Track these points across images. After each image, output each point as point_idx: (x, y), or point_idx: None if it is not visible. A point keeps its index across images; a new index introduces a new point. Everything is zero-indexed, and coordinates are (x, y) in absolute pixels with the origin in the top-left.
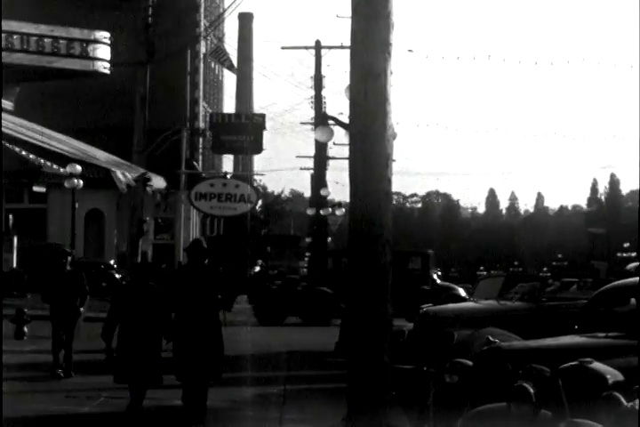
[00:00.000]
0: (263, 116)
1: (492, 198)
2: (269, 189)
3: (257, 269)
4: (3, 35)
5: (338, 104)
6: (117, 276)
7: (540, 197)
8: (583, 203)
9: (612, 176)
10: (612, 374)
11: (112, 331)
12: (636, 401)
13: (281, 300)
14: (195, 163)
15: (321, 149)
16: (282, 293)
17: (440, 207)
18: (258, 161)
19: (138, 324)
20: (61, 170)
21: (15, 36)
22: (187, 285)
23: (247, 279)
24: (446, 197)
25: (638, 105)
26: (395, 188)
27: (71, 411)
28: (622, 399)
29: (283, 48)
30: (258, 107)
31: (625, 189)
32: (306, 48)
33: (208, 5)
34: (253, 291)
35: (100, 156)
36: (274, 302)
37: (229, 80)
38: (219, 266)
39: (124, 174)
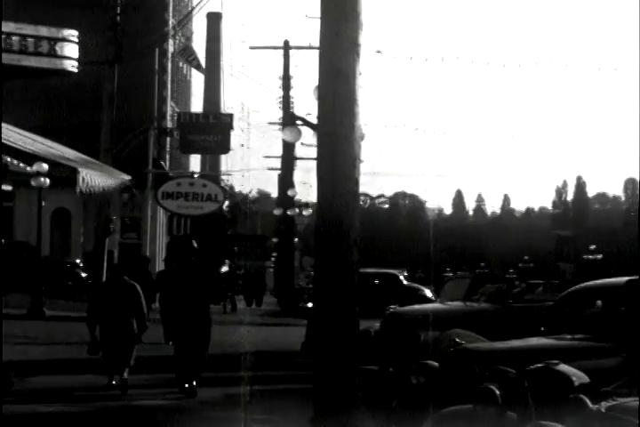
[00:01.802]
0: (231, 115)
1: (458, 200)
2: (237, 189)
3: (225, 268)
4: None
5: (306, 104)
6: (83, 275)
7: (506, 199)
8: (549, 205)
9: (579, 179)
10: (579, 376)
11: (95, 323)
12: (602, 404)
13: None
14: (162, 162)
15: (289, 149)
16: None
17: (407, 208)
18: (225, 161)
19: (116, 316)
20: (28, 168)
21: None
22: (179, 281)
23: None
24: (413, 198)
25: (638, 107)
26: (362, 188)
27: (36, 411)
28: (588, 402)
29: (251, 48)
30: (226, 106)
31: (590, 192)
32: (274, 48)
33: (176, 4)
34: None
35: (70, 154)
36: None
37: (197, 79)
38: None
39: (84, 178)
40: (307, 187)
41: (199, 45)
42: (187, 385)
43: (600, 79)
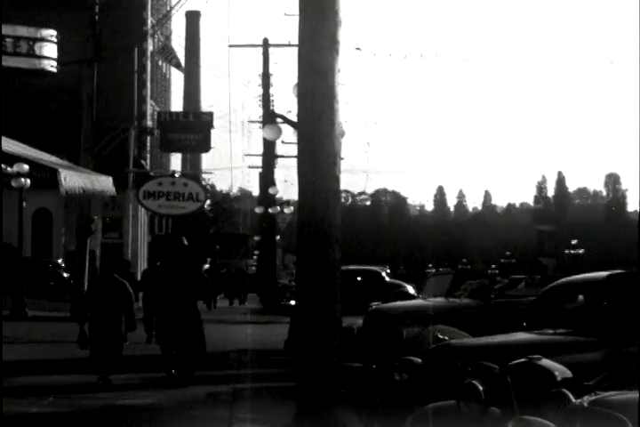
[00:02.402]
0: (211, 114)
1: (440, 196)
2: (218, 188)
3: (206, 266)
4: None
5: (286, 102)
6: (65, 275)
7: (487, 195)
8: (531, 201)
9: (559, 174)
10: (561, 370)
11: (85, 319)
12: (585, 398)
13: None
14: (143, 161)
15: (269, 147)
16: None
17: (388, 205)
18: (206, 159)
19: (105, 312)
20: (9, 169)
21: None
22: (167, 279)
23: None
24: (394, 194)
25: (638, 107)
26: (343, 186)
27: (20, 411)
28: (571, 396)
29: (230, 46)
30: (206, 105)
31: (571, 187)
32: (254, 46)
33: (155, 3)
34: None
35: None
36: None
37: (177, 78)
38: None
39: (66, 178)
40: (288, 185)
41: (178, 44)
42: (175, 373)
43: (578, 75)
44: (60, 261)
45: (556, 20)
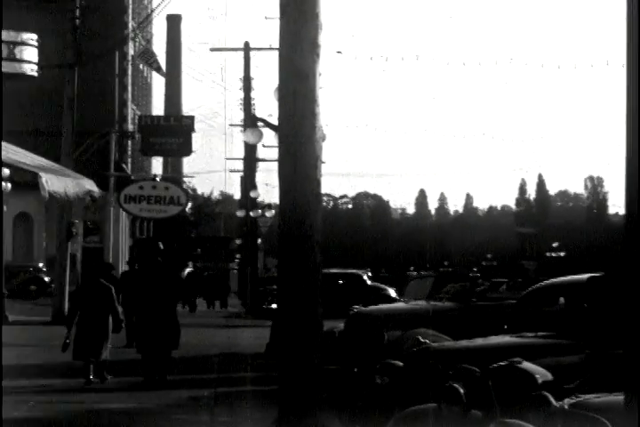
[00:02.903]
0: (192, 118)
1: (421, 199)
2: (199, 191)
3: (188, 270)
4: None
5: (267, 106)
6: (46, 279)
7: (469, 198)
8: (512, 203)
9: (540, 177)
10: (542, 373)
11: (72, 321)
12: (566, 401)
13: None
14: (124, 165)
15: (250, 150)
16: None
17: (370, 208)
18: (187, 163)
19: (91, 315)
20: None
21: None
22: (145, 281)
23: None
24: (376, 197)
25: (625, 110)
26: (324, 189)
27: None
28: (552, 399)
29: (211, 50)
30: (187, 109)
31: (552, 189)
32: (234, 50)
33: (136, 7)
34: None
35: (33, 160)
36: None
37: (158, 82)
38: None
39: (47, 182)
40: (269, 188)
41: (159, 48)
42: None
43: (559, 78)
44: (41, 264)
45: (536, 22)
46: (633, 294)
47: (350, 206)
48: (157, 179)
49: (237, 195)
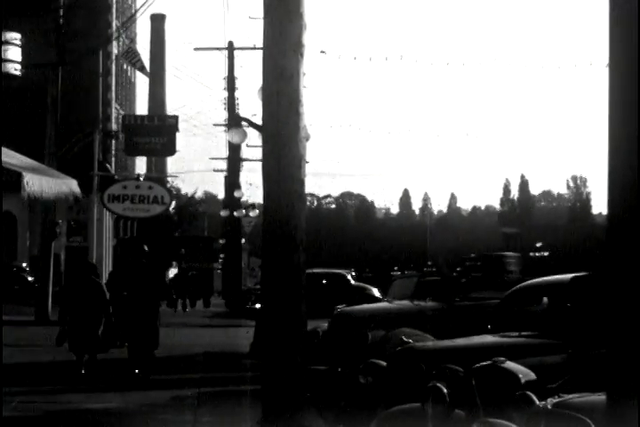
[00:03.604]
0: (176, 117)
1: (405, 199)
2: (183, 191)
3: (174, 270)
4: None
5: (251, 105)
6: (30, 278)
7: (453, 198)
8: (496, 203)
9: (522, 177)
10: (525, 373)
11: (66, 315)
12: (549, 400)
13: None
14: (107, 165)
15: (234, 150)
16: None
17: (354, 208)
18: (171, 163)
19: (84, 310)
20: None
21: None
22: (130, 282)
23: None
24: (360, 197)
25: (607, 110)
26: (308, 189)
27: None
28: (535, 398)
29: (195, 49)
30: (171, 108)
31: (536, 190)
32: (218, 49)
33: (120, 6)
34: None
35: (16, 159)
36: None
37: (142, 82)
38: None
39: (29, 182)
40: (253, 188)
41: (143, 47)
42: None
43: (542, 78)
44: (24, 264)
45: (520, 23)
46: (616, 293)
47: (334, 206)
48: (141, 178)
49: (221, 195)
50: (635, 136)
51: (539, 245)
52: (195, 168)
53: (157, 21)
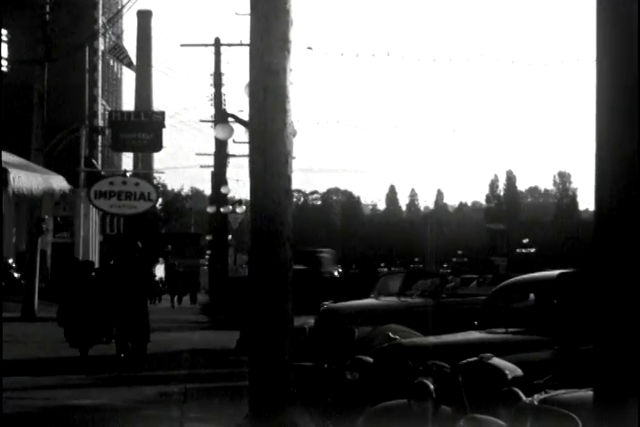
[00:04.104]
0: (163, 113)
1: (392, 195)
2: (169, 187)
3: (160, 267)
4: None
5: (238, 102)
6: (16, 275)
7: (439, 194)
8: (482, 199)
9: (509, 173)
10: (512, 369)
11: (67, 313)
12: (535, 396)
13: None
14: (94, 161)
15: (221, 146)
16: None
17: (340, 204)
18: (158, 159)
19: (85, 305)
20: None
21: None
22: (123, 277)
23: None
24: (347, 193)
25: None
26: (295, 185)
27: None
28: (521, 394)
29: (182, 45)
30: (157, 104)
31: (522, 186)
32: (205, 45)
33: (106, 2)
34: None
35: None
36: None
37: (128, 78)
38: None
39: (15, 179)
40: (240, 184)
41: (130, 43)
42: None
43: (529, 74)
44: (10, 261)
45: (507, 19)
46: (603, 290)
47: (321, 202)
48: (127, 174)
49: (208, 191)
50: (621, 131)
51: (525, 241)
52: (181, 164)
53: (144, 17)
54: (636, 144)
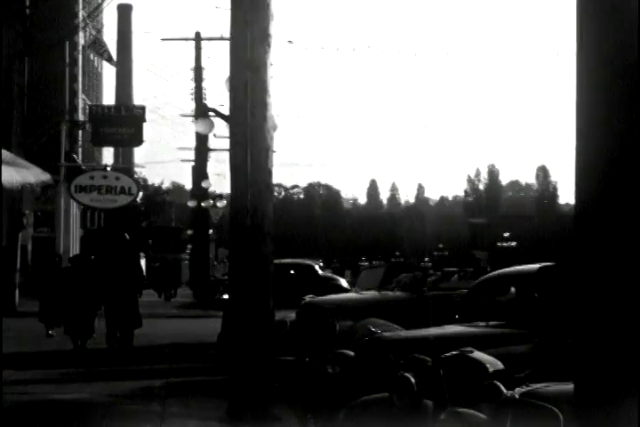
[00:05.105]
0: (143, 108)
1: (372, 189)
2: (150, 182)
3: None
4: None
5: (219, 96)
6: None
7: (420, 188)
8: (463, 193)
9: (491, 167)
10: (493, 362)
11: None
12: (516, 390)
13: None
14: (74, 155)
15: (202, 140)
16: None
17: (321, 198)
18: (138, 153)
19: (78, 297)
20: None
21: None
22: (112, 270)
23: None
24: (328, 188)
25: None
26: (276, 179)
27: None
28: (502, 388)
29: (162, 40)
30: (138, 99)
31: (503, 180)
32: (185, 40)
33: None
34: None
35: None
36: None
37: (109, 72)
38: (102, 259)
39: None
40: (220, 178)
41: (110, 38)
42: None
43: (510, 67)
44: None
45: (488, 13)
46: (583, 284)
47: (302, 196)
48: (108, 169)
49: (189, 185)
50: (601, 125)
51: (506, 235)
52: (162, 158)
53: (124, 11)
54: (614, 138)
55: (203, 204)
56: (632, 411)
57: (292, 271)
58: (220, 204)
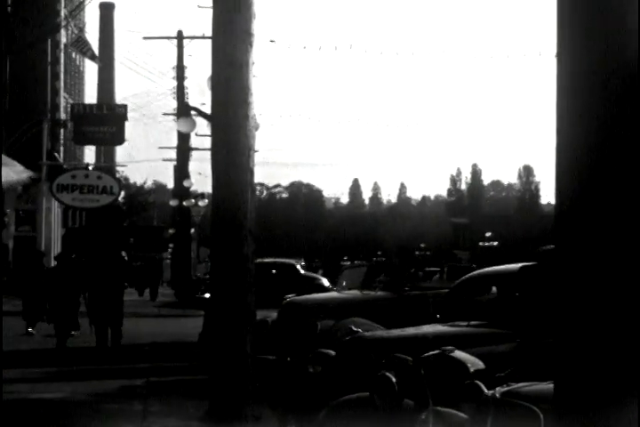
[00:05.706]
0: (125, 106)
1: (355, 189)
2: (132, 181)
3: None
4: None
5: (201, 95)
6: None
7: (402, 188)
8: (445, 193)
9: (474, 166)
10: (474, 362)
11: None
12: (497, 389)
13: None
14: (56, 154)
15: (183, 139)
16: None
17: (304, 198)
18: (120, 152)
19: (69, 294)
20: None
21: None
22: (101, 268)
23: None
24: (310, 187)
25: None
26: (258, 178)
27: None
28: (483, 387)
29: (145, 38)
30: (120, 97)
31: (485, 179)
32: (168, 38)
33: None
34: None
35: None
36: None
37: (91, 70)
38: (82, 257)
39: None
40: (202, 177)
41: (92, 36)
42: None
43: (493, 68)
44: None
45: (470, 12)
46: (564, 283)
47: (284, 196)
48: (90, 168)
49: (170, 184)
50: (581, 124)
51: (488, 234)
52: (144, 157)
53: (106, 10)
54: (595, 137)
55: (185, 203)
56: (612, 411)
57: (273, 271)
58: (202, 203)
